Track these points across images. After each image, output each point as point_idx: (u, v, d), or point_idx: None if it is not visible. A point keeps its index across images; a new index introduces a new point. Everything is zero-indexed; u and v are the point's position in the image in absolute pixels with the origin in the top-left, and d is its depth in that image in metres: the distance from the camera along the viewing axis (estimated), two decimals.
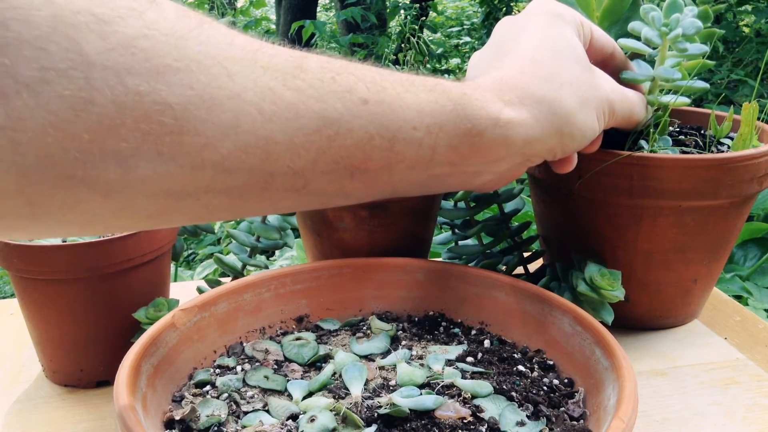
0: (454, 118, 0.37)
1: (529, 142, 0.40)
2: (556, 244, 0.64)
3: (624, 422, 0.35)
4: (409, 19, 4.44)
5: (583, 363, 0.45)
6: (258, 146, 0.30)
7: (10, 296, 1.49)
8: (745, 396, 0.54)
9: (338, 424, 0.40)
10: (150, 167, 0.28)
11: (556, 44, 0.43)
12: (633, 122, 0.49)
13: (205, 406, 0.43)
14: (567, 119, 0.41)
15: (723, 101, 2.59)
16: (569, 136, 0.42)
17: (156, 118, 0.27)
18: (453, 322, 0.54)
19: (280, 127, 0.31)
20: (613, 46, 0.49)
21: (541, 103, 0.40)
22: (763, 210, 1.50)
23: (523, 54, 0.42)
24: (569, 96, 0.41)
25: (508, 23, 0.46)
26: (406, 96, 0.36)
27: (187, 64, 0.28)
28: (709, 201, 0.55)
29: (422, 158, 0.37)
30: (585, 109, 0.42)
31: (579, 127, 0.42)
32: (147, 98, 0.26)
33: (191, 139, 0.28)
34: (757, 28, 3.07)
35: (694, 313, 0.65)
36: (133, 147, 0.27)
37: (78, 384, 0.56)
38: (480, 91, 0.39)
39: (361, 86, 0.34)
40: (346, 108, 0.33)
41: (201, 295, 0.50)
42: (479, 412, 0.41)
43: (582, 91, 0.42)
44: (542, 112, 0.40)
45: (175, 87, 0.27)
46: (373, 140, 0.34)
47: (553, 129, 0.41)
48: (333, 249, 0.61)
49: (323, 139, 0.32)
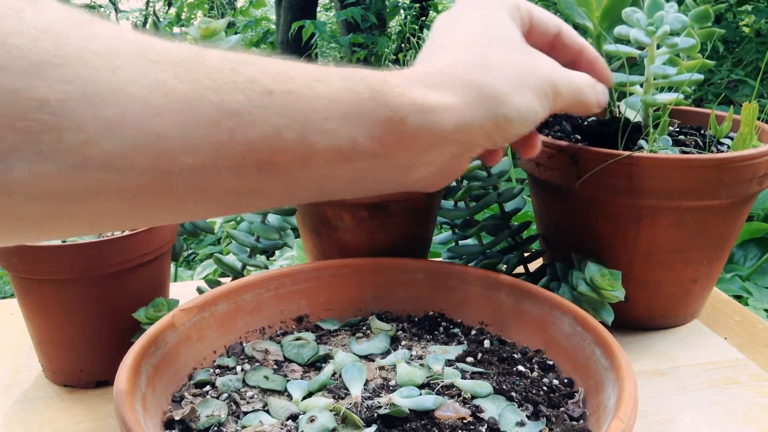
0: (372, 106, 0.35)
1: (460, 127, 0.37)
2: (556, 244, 0.64)
3: (624, 422, 0.35)
4: (409, 19, 4.45)
5: (583, 363, 0.45)
6: (149, 142, 0.29)
7: (10, 296, 1.49)
8: (745, 396, 0.54)
9: (338, 424, 0.40)
10: (26, 167, 0.26)
11: (488, 29, 0.41)
12: (584, 105, 0.44)
13: (204, 406, 0.43)
14: (499, 100, 0.38)
15: (723, 101, 2.58)
16: (505, 118, 0.38)
17: (33, 115, 0.26)
18: (453, 322, 0.54)
19: (172, 121, 0.29)
20: (559, 26, 0.45)
21: (468, 87, 0.38)
22: (763, 210, 1.50)
23: (455, 44, 0.40)
24: (500, 77, 0.38)
25: (444, 17, 0.45)
26: (317, 86, 0.33)
27: (67, 59, 0.27)
28: (709, 201, 0.55)
29: (341, 151, 0.34)
30: (520, 90, 0.39)
31: (516, 109, 0.39)
32: (22, 95, 0.25)
33: (72, 136, 0.27)
34: (757, 28, 3.07)
35: (694, 313, 0.65)
36: (8, 146, 0.26)
37: (78, 384, 0.56)
38: (401, 78, 0.37)
39: (265, 77, 0.32)
40: (248, 99, 0.31)
41: (201, 296, 0.50)
42: (479, 412, 0.41)
43: (516, 73, 0.39)
44: (471, 95, 0.37)
45: (53, 83, 0.26)
46: (281, 132, 0.32)
47: (486, 112, 0.38)
48: (333, 249, 0.61)
49: (223, 133, 0.30)
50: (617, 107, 0.65)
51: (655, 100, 0.57)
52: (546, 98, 0.41)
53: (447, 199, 0.64)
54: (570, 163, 0.56)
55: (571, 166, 0.56)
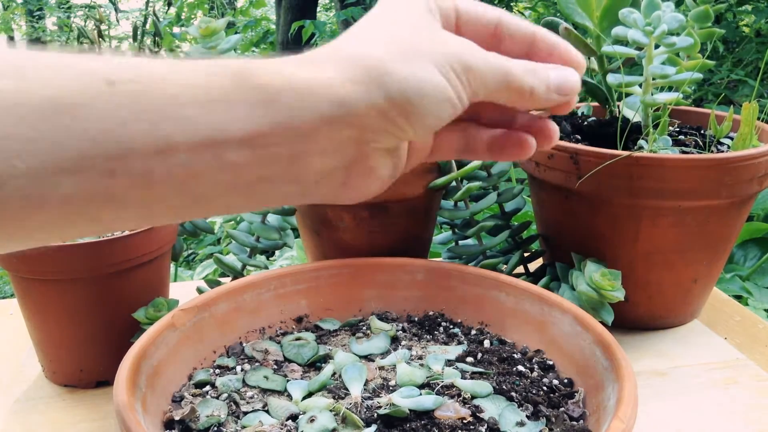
0: (238, 87, 0.31)
1: (341, 104, 0.32)
2: (556, 244, 0.64)
3: (624, 422, 0.35)
4: None
5: (583, 363, 0.45)
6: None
7: (10, 296, 1.49)
8: (745, 396, 0.54)
9: (338, 424, 0.40)
10: None
11: (393, 15, 0.36)
12: (519, 91, 0.36)
13: (204, 406, 0.43)
14: (384, 70, 0.32)
15: (723, 101, 2.58)
16: (400, 94, 0.32)
17: None
18: (453, 322, 0.54)
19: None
20: (498, 15, 0.39)
21: (350, 60, 0.33)
22: (763, 210, 1.50)
23: (350, 31, 0.36)
24: (387, 48, 0.33)
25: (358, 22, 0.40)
26: (170, 74, 0.30)
27: None
28: (709, 201, 0.55)
29: (204, 141, 0.30)
30: (414, 61, 0.33)
31: (408, 81, 0.33)
32: None
33: None
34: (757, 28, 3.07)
35: (694, 313, 0.65)
36: None
37: (78, 384, 0.56)
38: (270, 61, 0.33)
39: (105, 67, 0.29)
40: (83, 89, 0.28)
41: (201, 296, 0.50)
42: (479, 412, 0.41)
43: (409, 46, 0.34)
44: (353, 70, 0.33)
45: None
46: (128, 125, 0.28)
47: (371, 86, 0.32)
48: (333, 249, 0.61)
49: (59, 129, 0.27)
50: (617, 107, 0.65)
51: (654, 100, 0.57)
52: (455, 74, 0.34)
53: (447, 199, 0.64)
54: (570, 163, 0.56)
55: (571, 166, 0.56)
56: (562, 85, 0.37)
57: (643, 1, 0.55)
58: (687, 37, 0.55)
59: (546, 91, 0.37)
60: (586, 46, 0.61)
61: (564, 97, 0.37)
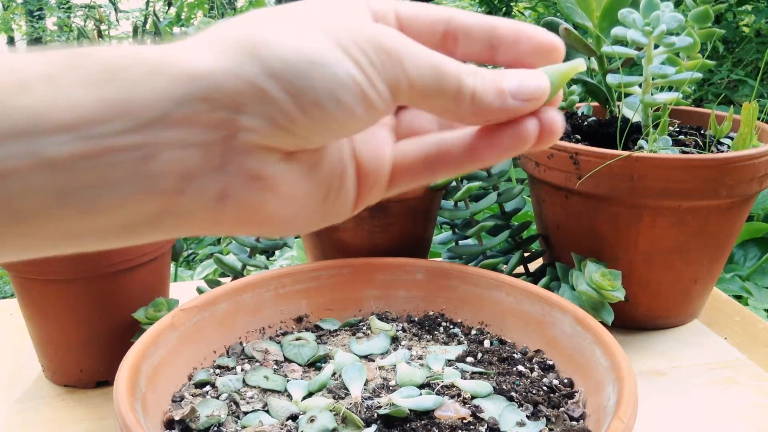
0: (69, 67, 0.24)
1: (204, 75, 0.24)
2: (556, 244, 0.64)
3: (624, 422, 0.35)
4: None
5: (583, 363, 0.45)
6: None
7: (10, 296, 1.49)
8: (745, 396, 0.54)
9: (338, 424, 0.40)
10: None
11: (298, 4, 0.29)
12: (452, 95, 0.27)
13: (204, 406, 0.43)
14: (265, 41, 0.25)
15: (723, 101, 2.58)
16: (284, 65, 0.24)
17: None
18: (453, 322, 0.54)
19: None
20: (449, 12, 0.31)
21: (223, 38, 0.26)
22: (763, 210, 1.50)
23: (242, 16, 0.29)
24: (263, 18, 0.27)
25: None
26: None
27: None
28: (709, 201, 0.55)
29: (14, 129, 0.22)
30: (305, 34, 0.25)
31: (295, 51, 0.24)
32: None
33: None
34: (757, 28, 3.07)
35: (694, 313, 0.65)
36: None
37: (78, 384, 0.56)
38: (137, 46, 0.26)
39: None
40: None
41: (201, 296, 0.50)
42: (479, 412, 0.41)
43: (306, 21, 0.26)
44: (223, 42, 0.25)
45: None
46: None
47: (244, 55, 0.24)
48: (333, 249, 0.61)
49: None
50: (617, 107, 0.65)
51: (654, 99, 0.57)
52: (363, 53, 0.25)
53: (447, 199, 0.64)
54: (570, 163, 0.56)
55: (571, 166, 0.56)
56: (520, 88, 0.28)
57: (642, 1, 0.55)
58: (686, 37, 0.55)
59: (497, 97, 0.28)
60: (586, 46, 0.61)
61: (525, 104, 0.28)
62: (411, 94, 0.27)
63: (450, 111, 0.28)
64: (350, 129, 0.26)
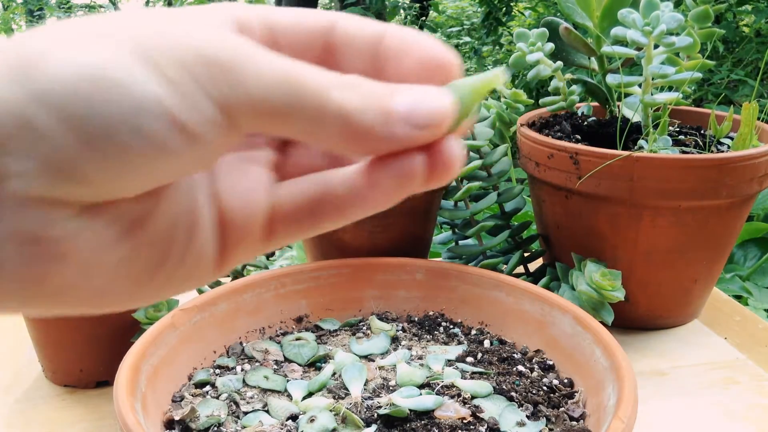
0: None
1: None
2: (556, 244, 0.64)
3: (624, 422, 0.35)
4: (409, 19, 4.45)
5: (583, 363, 0.45)
6: None
7: None
8: (745, 396, 0.54)
9: (338, 424, 0.40)
10: None
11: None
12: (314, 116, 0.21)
13: (204, 406, 0.43)
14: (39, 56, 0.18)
15: (723, 101, 2.59)
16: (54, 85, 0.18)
17: None
18: (453, 322, 0.54)
19: None
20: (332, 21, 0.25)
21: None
22: (763, 210, 1.50)
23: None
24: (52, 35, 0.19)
25: None
26: None
27: None
28: (709, 201, 0.55)
29: None
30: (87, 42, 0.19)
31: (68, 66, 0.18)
32: None
33: None
34: (757, 28, 3.07)
35: (694, 313, 0.65)
36: None
37: (78, 384, 0.56)
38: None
39: None
40: None
41: (201, 295, 0.50)
42: (479, 412, 0.41)
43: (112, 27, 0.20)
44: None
45: None
46: None
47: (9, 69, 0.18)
48: (333, 249, 0.61)
49: None
50: (617, 107, 0.65)
51: (654, 99, 0.57)
52: (183, 71, 0.19)
53: (447, 199, 0.64)
54: (570, 163, 0.56)
55: (571, 166, 0.56)
56: (414, 110, 0.21)
57: (642, 2, 0.55)
58: (686, 37, 0.55)
59: (380, 120, 0.21)
60: (586, 46, 0.61)
61: (419, 132, 0.21)
62: (256, 116, 0.20)
63: (316, 136, 0.21)
64: (171, 169, 0.19)
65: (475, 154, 0.63)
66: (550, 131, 0.64)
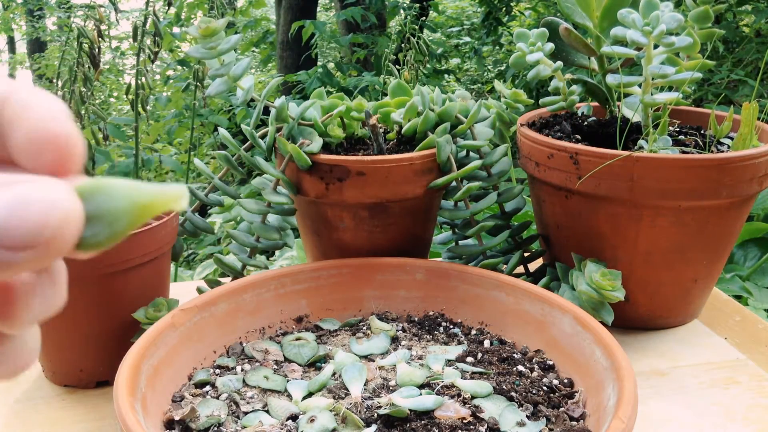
0: None
1: None
2: (556, 244, 0.64)
3: (624, 422, 0.35)
4: (409, 19, 4.45)
5: (583, 363, 0.45)
6: None
7: None
8: (745, 396, 0.54)
9: (338, 424, 0.40)
10: None
11: None
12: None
13: (204, 406, 0.43)
14: None
15: (723, 101, 2.59)
16: None
17: None
18: (453, 322, 0.54)
19: None
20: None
21: None
22: (763, 210, 1.50)
23: None
24: None
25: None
26: None
27: None
28: (709, 201, 0.55)
29: None
30: None
31: None
32: None
33: None
34: (757, 28, 3.07)
35: (694, 313, 0.65)
36: None
37: (78, 384, 0.56)
38: None
39: None
40: None
41: (201, 296, 0.50)
42: (479, 412, 0.41)
43: None
44: None
45: None
46: None
47: None
48: (333, 249, 0.61)
49: None
50: (617, 107, 0.65)
51: (654, 99, 0.57)
52: None
53: (447, 199, 0.64)
54: (570, 163, 0.56)
55: (571, 166, 0.56)
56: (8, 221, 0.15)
57: (642, 2, 0.55)
58: (686, 37, 0.55)
59: None
60: (586, 46, 0.61)
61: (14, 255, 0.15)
62: None
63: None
64: None
65: (475, 154, 0.63)
66: (550, 131, 0.64)
